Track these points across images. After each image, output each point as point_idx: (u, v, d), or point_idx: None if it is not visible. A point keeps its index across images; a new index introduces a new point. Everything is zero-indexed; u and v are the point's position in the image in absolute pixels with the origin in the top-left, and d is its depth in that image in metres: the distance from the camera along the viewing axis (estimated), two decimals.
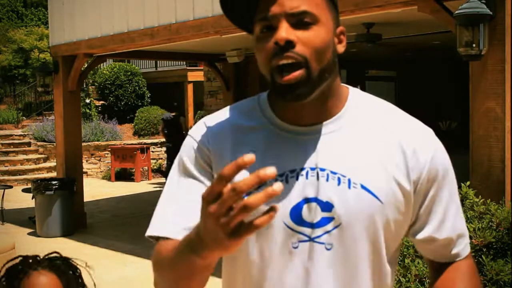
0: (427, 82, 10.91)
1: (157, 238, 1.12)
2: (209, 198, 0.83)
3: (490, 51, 3.59)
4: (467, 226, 2.49)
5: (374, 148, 1.10)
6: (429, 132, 1.16)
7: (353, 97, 1.16)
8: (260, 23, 1.05)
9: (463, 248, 1.18)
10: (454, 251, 1.17)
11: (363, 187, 1.07)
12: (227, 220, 0.82)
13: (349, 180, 1.07)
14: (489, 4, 3.53)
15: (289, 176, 1.08)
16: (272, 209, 0.82)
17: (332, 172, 1.08)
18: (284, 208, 1.07)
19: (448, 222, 1.15)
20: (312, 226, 1.07)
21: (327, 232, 1.07)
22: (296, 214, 1.07)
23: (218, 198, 0.82)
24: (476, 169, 3.70)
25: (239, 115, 1.17)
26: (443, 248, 1.16)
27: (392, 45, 7.46)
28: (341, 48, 1.10)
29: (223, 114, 1.18)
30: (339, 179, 1.08)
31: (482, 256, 2.36)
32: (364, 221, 1.07)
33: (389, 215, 1.09)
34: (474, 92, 3.74)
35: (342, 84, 1.17)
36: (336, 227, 1.07)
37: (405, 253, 2.57)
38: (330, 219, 1.07)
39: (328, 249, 1.07)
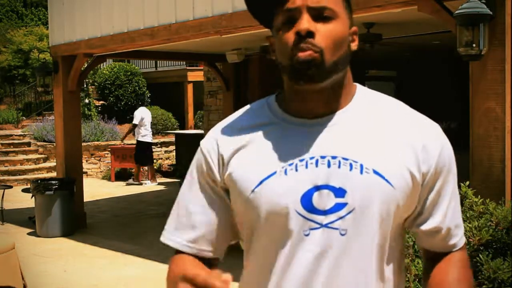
0: (427, 82, 10.91)
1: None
2: None
3: (490, 51, 3.59)
4: (466, 226, 2.50)
5: (384, 137, 1.14)
6: (437, 127, 1.20)
7: (361, 92, 1.21)
8: (282, 14, 1.11)
9: (459, 239, 1.23)
10: (451, 242, 1.22)
11: (375, 172, 1.11)
12: None
13: (361, 166, 1.11)
14: (489, 4, 3.53)
15: (298, 165, 1.12)
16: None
17: (343, 159, 1.11)
18: (295, 196, 1.10)
19: (450, 214, 1.20)
20: (325, 213, 1.10)
21: (341, 217, 1.10)
22: (307, 201, 1.10)
23: None
24: (476, 169, 3.70)
25: (247, 115, 1.22)
26: (443, 238, 1.21)
27: (392, 45, 7.46)
28: (354, 46, 1.18)
29: (231, 118, 1.24)
30: (351, 165, 1.11)
31: (480, 255, 2.36)
32: (377, 206, 1.10)
33: (400, 201, 1.12)
34: (474, 92, 3.74)
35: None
36: (349, 212, 1.10)
37: (405, 253, 2.57)
38: (344, 204, 1.10)
39: (342, 235, 1.10)
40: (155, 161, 13.34)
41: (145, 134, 11.27)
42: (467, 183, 2.87)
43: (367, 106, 1.18)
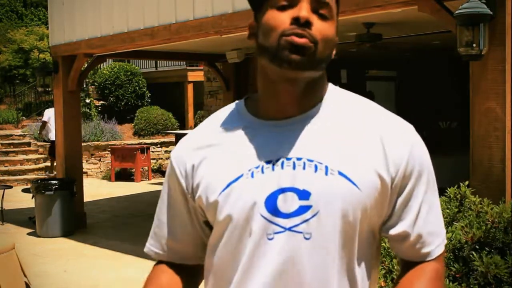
0: (427, 82, 10.90)
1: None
2: None
3: (490, 51, 3.59)
4: (458, 225, 2.50)
5: (353, 138, 1.10)
6: (409, 127, 1.15)
7: (332, 92, 1.18)
8: None
9: (435, 248, 1.14)
10: (424, 250, 1.14)
11: (340, 173, 1.07)
12: None
13: (326, 167, 1.07)
14: (489, 4, 3.53)
15: (264, 167, 1.09)
16: None
17: (308, 160, 1.08)
18: (260, 198, 1.08)
19: (421, 220, 1.13)
20: (289, 216, 1.06)
21: (305, 220, 1.06)
22: (271, 204, 1.07)
23: None
24: (476, 169, 3.70)
25: (215, 121, 1.21)
26: (413, 245, 1.13)
27: (392, 45, 7.46)
28: (333, 54, 1.14)
29: (200, 127, 1.24)
30: (316, 166, 1.08)
31: (473, 252, 2.36)
32: (342, 209, 1.06)
33: (367, 205, 1.07)
34: (474, 92, 3.74)
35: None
36: (314, 215, 1.06)
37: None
38: (308, 207, 1.06)
39: (306, 239, 1.06)
40: (155, 161, 13.35)
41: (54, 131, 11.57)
42: (466, 183, 2.87)
43: (337, 107, 1.15)
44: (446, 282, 2.28)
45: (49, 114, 11.21)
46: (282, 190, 1.07)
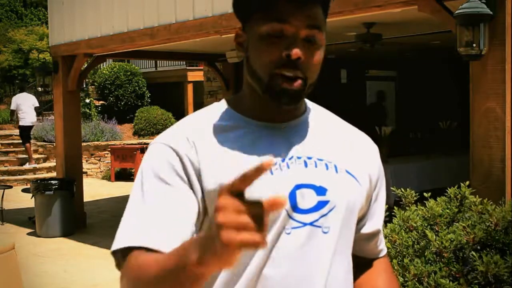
0: (427, 82, 10.90)
1: (125, 250, 1.08)
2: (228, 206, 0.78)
3: (490, 51, 3.58)
4: (460, 225, 2.50)
5: (343, 141, 1.21)
6: (371, 140, 1.28)
7: (308, 101, 1.25)
8: (271, 25, 1.07)
9: (384, 244, 1.32)
10: (380, 247, 1.30)
11: (347, 172, 1.16)
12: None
13: (335, 166, 1.15)
14: (489, 4, 3.53)
15: (281, 165, 1.12)
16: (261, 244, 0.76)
17: (318, 159, 1.15)
18: (283, 193, 1.08)
19: (381, 219, 1.28)
20: (308, 211, 1.10)
21: (324, 215, 1.11)
22: (292, 200, 1.09)
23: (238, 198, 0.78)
24: (476, 169, 3.70)
25: (213, 117, 1.16)
26: (376, 242, 1.28)
27: (392, 45, 7.46)
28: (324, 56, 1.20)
29: (194, 118, 1.18)
30: (326, 165, 1.14)
31: (472, 252, 2.36)
32: (350, 204, 1.15)
33: (363, 202, 1.20)
34: (474, 92, 3.74)
35: None
36: (331, 210, 1.12)
37: (404, 253, 2.57)
38: (325, 202, 1.11)
39: (325, 232, 1.11)
40: None
41: (23, 118, 12.06)
42: (467, 183, 2.86)
43: (320, 114, 1.24)
44: (447, 281, 2.28)
45: (17, 101, 12.05)
46: (300, 186, 1.11)
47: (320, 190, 1.11)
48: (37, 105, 12.60)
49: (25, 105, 12.09)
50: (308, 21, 1.07)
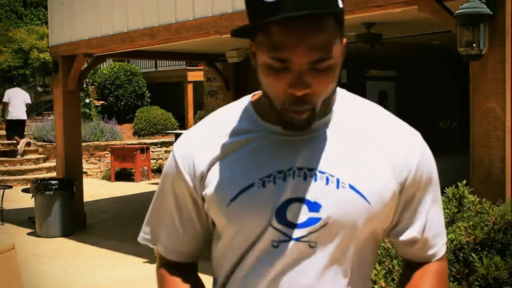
0: (427, 82, 10.91)
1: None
2: None
3: (490, 51, 3.58)
4: (461, 225, 2.50)
5: (362, 149, 1.11)
6: (416, 135, 1.16)
7: (340, 99, 1.16)
8: (272, 61, 1.01)
9: (438, 249, 1.20)
10: (430, 252, 1.19)
11: (351, 187, 1.08)
12: None
13: (337, 180, 1.08)
14: (489, 4, 3.53)
15: (276, 177, 1.08)
16: None
17: (320, 172, 1.08)
18: (270, 208, 1.08)
19: (428, 225, 1.17)
20: (297, 226, 1.07)
21: (313, 232, 1.07)
22: (281, 214, 1.07)
23: None
24: (476, 169, 3.69)
25: (223, 121, 1.17)
26: (420, 248, 1.18)
27: (392, 45, 7.46)
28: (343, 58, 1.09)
29: (206, 124, 1.20)
30: (327, 178, 1.08)
31: (472, 253, 2.36)
32: (350, 221, 1.07)
33: (376, 216, 1.10)
34: (474, 92, 3.74)
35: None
36: (322, 226, 1.07)
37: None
38: (317, 219, 1.07)
39: (312, 247, 1.08)
40: (155, 161, 13.35)
41: (11, 112, 12.28)
42: (464, 182, 2.86)
43: (346, 116, 1.14)
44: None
45: (9, 95, 12.21)
46: (293, 201, 1.07)
47: (314, 206, 1.07)
48: (29, 101, 12.67)
49: (16, 99, 12.18)
50: (311, 56, 0.99)
